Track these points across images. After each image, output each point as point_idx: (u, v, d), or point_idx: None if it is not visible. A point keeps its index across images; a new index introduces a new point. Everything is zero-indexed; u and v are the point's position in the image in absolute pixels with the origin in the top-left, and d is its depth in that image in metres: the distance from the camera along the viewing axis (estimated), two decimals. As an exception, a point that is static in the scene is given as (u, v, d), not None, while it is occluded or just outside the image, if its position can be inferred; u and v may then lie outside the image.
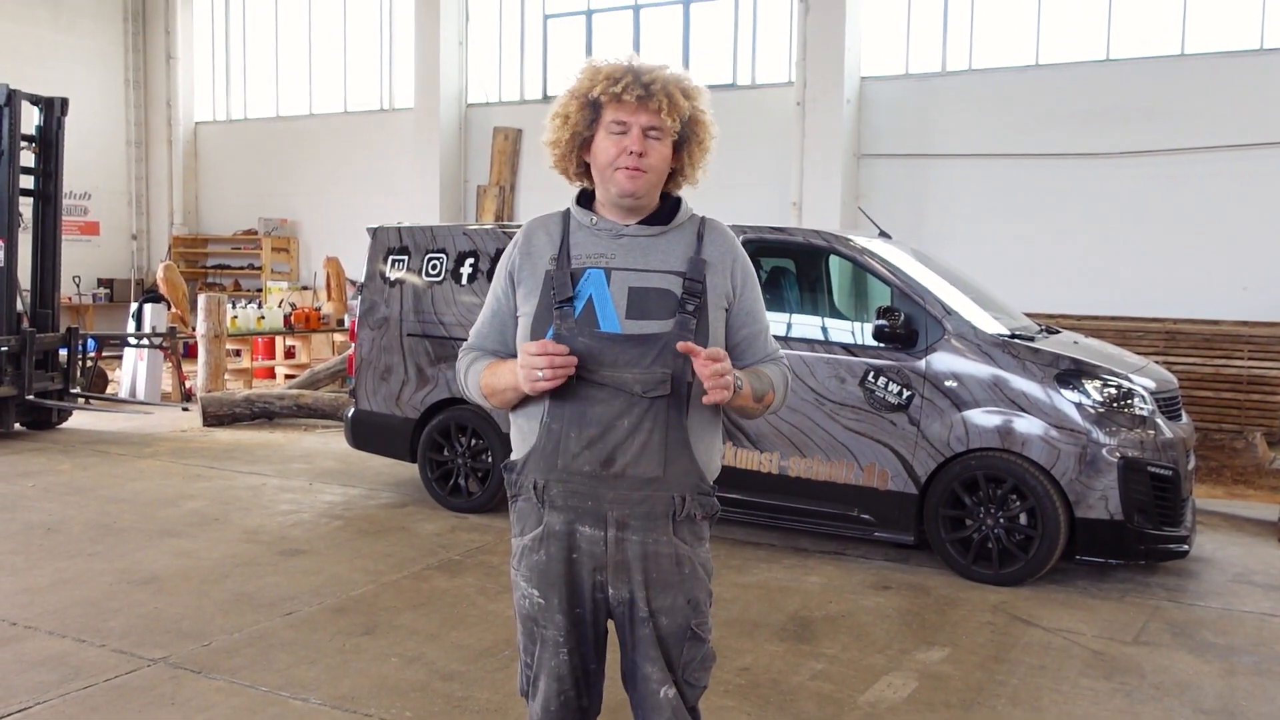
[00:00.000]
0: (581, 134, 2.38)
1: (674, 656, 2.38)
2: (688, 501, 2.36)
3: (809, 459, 6.07)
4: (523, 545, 2.42)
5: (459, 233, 7.28)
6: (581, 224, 2.42)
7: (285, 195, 18.03)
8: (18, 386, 9.43)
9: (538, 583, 2.39)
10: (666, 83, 2.32)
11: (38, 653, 4.42)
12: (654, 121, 2.31)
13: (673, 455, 2.33)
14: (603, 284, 2.33)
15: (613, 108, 2.32)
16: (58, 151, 10.02)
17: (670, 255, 2.38)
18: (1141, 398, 5.63)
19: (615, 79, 2.31)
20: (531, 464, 2.38)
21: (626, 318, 2.31)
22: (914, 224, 12.36)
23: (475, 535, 6.42)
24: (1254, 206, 11.08)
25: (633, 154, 2.31)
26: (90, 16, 18.48)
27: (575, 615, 2.39)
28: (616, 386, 2.29)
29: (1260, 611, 5.31)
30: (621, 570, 2.35)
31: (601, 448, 2.31)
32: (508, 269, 2.47)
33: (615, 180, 2.33)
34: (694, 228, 2.44)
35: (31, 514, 6.74)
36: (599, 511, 2.33)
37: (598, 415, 2.30)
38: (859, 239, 6.45)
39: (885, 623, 5.03)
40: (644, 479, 2.32)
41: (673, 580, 2.36)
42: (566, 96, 2.39)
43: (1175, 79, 11.44)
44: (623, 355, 2.29)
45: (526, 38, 15.72)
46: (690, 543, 2.39)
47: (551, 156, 2.45)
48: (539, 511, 2.38)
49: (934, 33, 12.84)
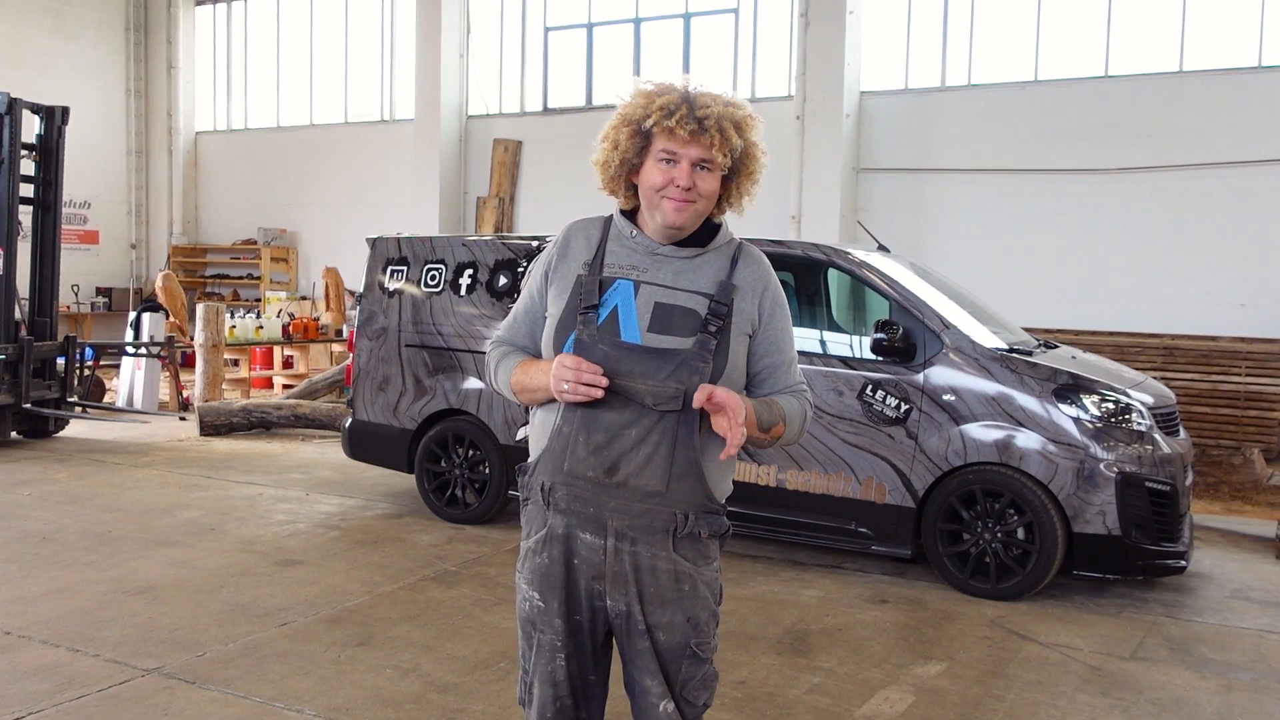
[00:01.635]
0: (630, 161, 2.37)
1: (672, 673, 2.36)
2: (690, 519, 2.34)
3: (807, 472, 6.07)
4: (528, 547, 2.43)
5: (458, 244, 7.29)
6: (621, 234, 2.43)
7: (285, 205, 18.05)
8: (15, 395, 9.43)
9: (539, 585, 2.39)
10: (720, 117, 2.29)
11: (31, 662, 4.40)
12: (705, 155, 2.29)
13: (679, 472, 2.32)
14: (630, 296, 2.35)
15: (664, 138, 2.30)
16: (58, 160, 10.04)
17: (701, 277, 2.38)
18: (1139, 413, 5.63)
19: (669, 110, 2.28)
20: (541, 466, 2.39)
21: (649, 331, 2.32)
22: (912, 238, 12.38)
23: (472, 546, 6.41)
24: (1252, 223, 11.10)
25: (680, 187, 2.30)
26: (92, 26, 18.53)
27: (574, 621, 2.38)
28: (628, 395, 2.29)
29: (1258, 628, 5.30)
30: (619, 581, 2.34)
31: (607, 454, 2.31)
32: (545, 267, 2.48)
33: (662, 209, 2.33)
34: (730, 252, 2.43)
35: (27, 523, 6.73)
36: (599, 519, 2.33)
37: (606, 422, 2.31)
38: (858, 252, 6.47)
39: (882, 637, 5.02)
40: (646, 492, 2.31)
41: (671, 597, 2.34)
42: (618, 120, 2.36)
43: (1174, 96, 11.47)
44: (639, 366, 2.30)
45: (527, 50, 15.76)
46: (693, 560, 2.36)
47: (600, 178, 2.45)
48: (545, 514, 2.38)
49: (933, 48, 12.88)
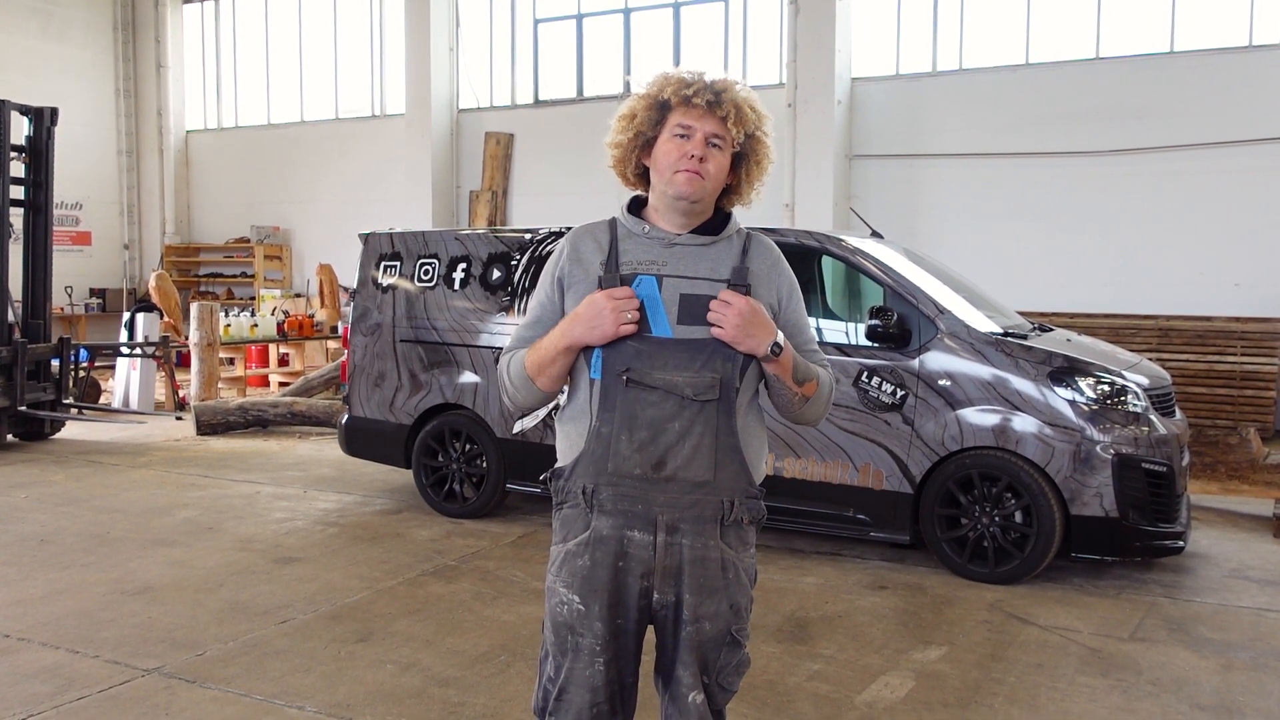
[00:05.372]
0: (645, 134, 2.40)
1: (711, 660, 2.38)
2: (736, 506, 2.38)
3: (804, 459, 6.07)
4: (565, 550, 2.40)
5: (451, 238, 7.27)
6: (632, 232, 2.44)
7: (277, 203, 18.00)
8: (10, 398, 9.42)
9: (579, 588, 2.36)
10: (737, 96, 2.37)
11: (31, 664, 4.40)
12: (719, 130, 2.35)
13: (723, 459, 2.35)
14: (654, 290, 2.35)
15: (680, 111, 2.36)
16: (48, 161, 10.00)
17: (719, 264, 2.40)
18: (1135, 394, 5.64)
19: (687, 84, 2.35)
20: (580, 469, 2.37)
21: (678, 323, 2.34)
22: (906, 224, 12.38)
23: (471, 541, 6.41)
24: (1245, 203, 11.10)
25: (694, 158, 2.33)
26: (80, 26, 18.45)
27: (616, 625, 2.36)
28: (667, 390, 2.31)
29: (1256, 606, 5.32)
30: (670, 575, 2.35)
31: (653, 450, 2.32)
32: (555, 275, 2.47)
33: (674, 182, 2.35)
34: (740, 241, 2.46)
35: (25, 525, 6.72)
36: (649, 515, 2.34)
37: (649, 418, 2.32)
38: (851, 239, 6.46)
39: (882, 622, 5.02)
40: (694, 482, 2.34)
41: (718, 585, 2.37)
42: (634, 98, 2.42)
43: (1165, 77, 11.47)
44: (673, 359, 2.32)
45: (517, 42, 15.72)
46: (736, 548, 2.40)
47: (611, 156, 2.47)
48: (586, 517, 2.37)
49: (924, 34, 12.86)
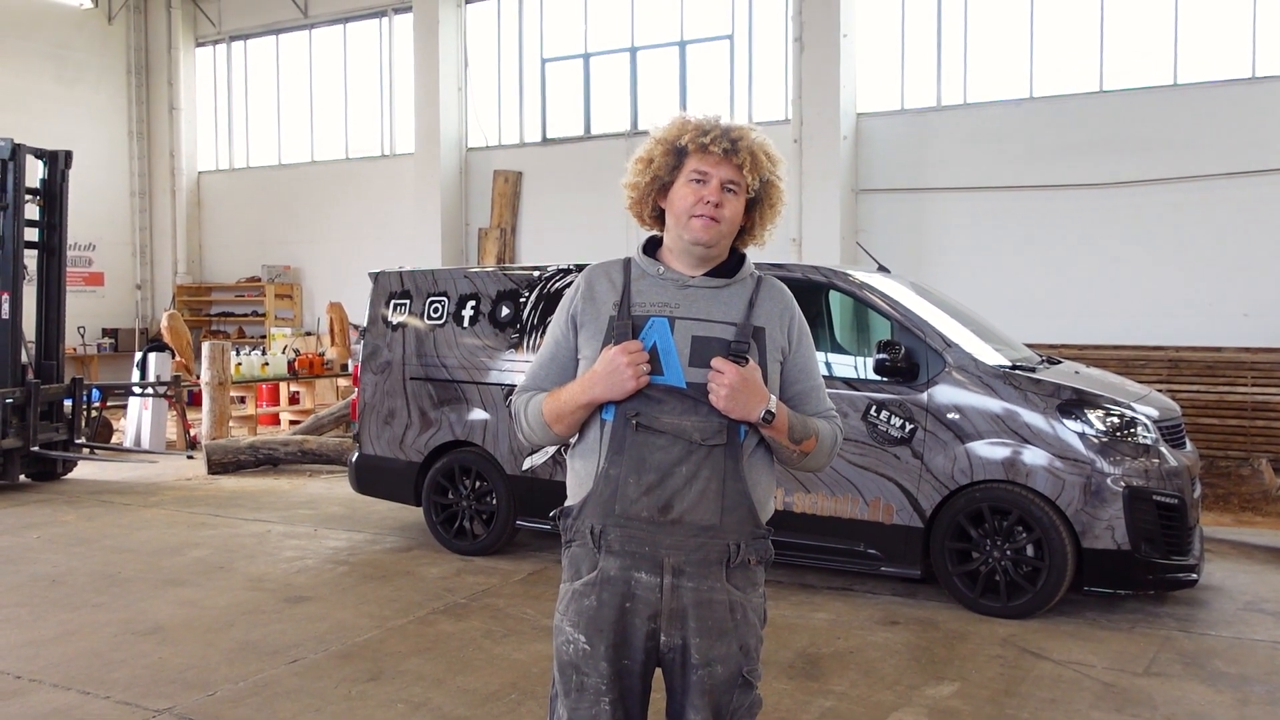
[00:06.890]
0: (662, 179, 2.45)
1: (724, 704, 2.37)
2: (743, 548, 2.38)
3: (814, 494, 6.07)
4: (573, 590, 2.41)
5: (460, 275, 7.32)
6: (646, 272, 2.47)
7: (288, 242, 18.14)
8: (23, 438, 9.46)
9: (585, 628, 2.36)
10: (752, 143, 2.41)
11: (42, 706, 4.40)
12: (734, 176, 2.39)
13: (730, 504, 2.36)
14: (667, 332, 2.38)
15: (697, 157, 2.40)
16: (62, 204, 10.11)
17: (731, 307, 2.43)
18: (1145, 426, 5.63)
19: (704, 130, 2.40)
20: (589, 509, 2.39)
21: (690, 365, 2.36)
22: (913, 258, 12.40)
23: (481, 578, 6.40)
24: (1252, 233, 11.11)
25: (709, 203, 2.37)
26: (94, 70, 18.70)
27: (622, 665, 2.37)
28: (675, 434, 2.34)
29: (1272, 640, 5.27)
30: (676, 618, 2.35)
31: (660, 494, 2.34)
32: (569, 313, 2.50)
33: (690, 227, 2.39)
34: (752, 283, 2.49)
35: (36, 565, 6.73)
36: (655, 558, 2.35)
37: (656, 462, 2.34)
38: (858, 273, 6.49)
39: (894, 658, 4.99)
40: (701, 526, 2.35)
41: (726, 627, 2.36)
42: (652, 142, 2.46)
43: (1169, 109, 11.52)
44: (681, 404, 2.34)
45: (525, 81, 15.88)
46: (744, 589, 2.41)
47: (628, 199, 2.52)
48: (594, 556, 2.38)
49: (928, 68, 12.95)
